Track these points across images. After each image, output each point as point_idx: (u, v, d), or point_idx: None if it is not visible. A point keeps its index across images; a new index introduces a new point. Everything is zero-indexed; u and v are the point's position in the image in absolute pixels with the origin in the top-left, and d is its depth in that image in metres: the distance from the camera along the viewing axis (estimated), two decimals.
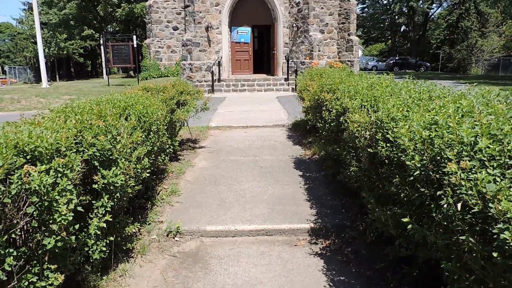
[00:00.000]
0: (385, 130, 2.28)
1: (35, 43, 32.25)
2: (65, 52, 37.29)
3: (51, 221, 1.93)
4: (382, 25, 47.48)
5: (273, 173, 5.08)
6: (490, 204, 1.30)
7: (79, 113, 2.78)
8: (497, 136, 1.55)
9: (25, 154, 1.93)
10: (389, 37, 51.07)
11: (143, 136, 3.27)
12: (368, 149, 2.52)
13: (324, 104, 4.17)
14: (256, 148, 6.45)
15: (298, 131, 7.64)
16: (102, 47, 32.62)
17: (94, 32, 31.23)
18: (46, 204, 1.89)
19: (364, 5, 48.53)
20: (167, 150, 4.67)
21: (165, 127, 4.27)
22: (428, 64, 38.52)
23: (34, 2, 18.32)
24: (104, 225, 2.40)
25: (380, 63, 41.87)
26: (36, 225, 1.92)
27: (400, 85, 3.14)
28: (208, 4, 16.66)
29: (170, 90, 5.12)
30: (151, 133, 3.60)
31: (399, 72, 34.08)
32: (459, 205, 1.47)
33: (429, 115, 2.02)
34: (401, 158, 2.03)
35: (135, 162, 2.90)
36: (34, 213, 1.88)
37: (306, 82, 6.39)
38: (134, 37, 16.49)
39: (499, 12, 38.22)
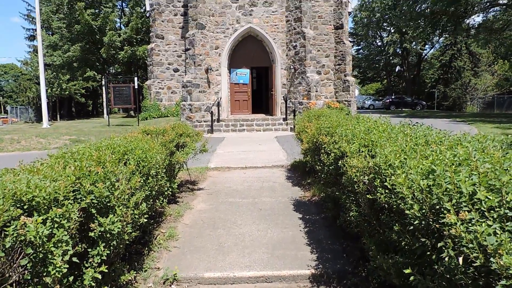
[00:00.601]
0: (383, 177, 2.28)
1: (38, 83, 32.91)
2: (67, 92, 37.96)
3: (44, 274, 1.88)
4: (377, 65, 48.77)
5: (272, 215, 5.02)
6: (492, 259, 1.28)
7: (78, 159, 2.79)
8: (495, 186, 1.55)
9: (22, 204, 1.92)
10: (385, 77, 52.31)
11: (142, 181, 3.26)
12: (367, 195, 2.51)
13: (323, 146, 4.20)
14: (255, 189, 6.42)
15: (297, 172, 7.63)
16: (103, 88, 33.28)
17: (96, 73, 31.97)
18: (41, 256, 1.85)
19: (359, 47, 50.12)
20: (166, 193, 4.64)
21: (164, 170, 4.27)
22: (424, 102, 39.21)
23: (39, 45, 18.89)
24: (99, 276, 2.34)
25: (377, 102, 42.56)
26: (29, 277, 1.87)
27: (397, 129, 3.18)
28: (208, 47, 17.18)
29: (170, 133, 5.17)
30: (149, 177, 3.60)
31: (396, 110, 34.62)
32: (460, 259, 1.44)
33: (426, 162, 2.03)
34: (400, 206, 2.02)
35: (132, 208, 2.88)
36: (28, 265, 1.84)
37: (304, 124, 6.47)
38: (136, 78, 16.85)
39: (490, 52, 39.43)
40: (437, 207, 1.76)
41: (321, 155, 4.20)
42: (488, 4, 26.36)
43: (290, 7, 17.30)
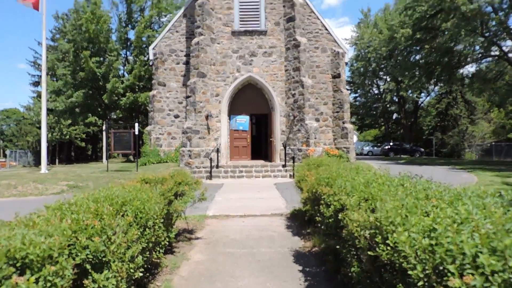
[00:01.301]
0: (385, 233, 2.25)
1: (39, 128, 33.33)
2: (67, 137, 38.31)
3: None
4: (374, 112, 49.63)
5: (271, 267, 4.88)
6: None
7: (75, 212, 2.76)
8: (498, 248, 1.53)
9: (15, 262, 1.87)
10: (383, 124, 53.06)
11: (139, 233, 3.20)
12: (369, 252, 2.46)
13: (322, 197, 4.17)
14: (253, 239, 6.29)
15: (297, 221, 7.52)
16: (104, 133, 33.61)
17: (97, 118, 32.46)
18: None
19: (357, 94, 51.27)
20: (162, 243, 4.53)
21: (162, 220, 4.21)
22: (422, 149, 39.48)
23: (43, 91, 19.28)
24: None
25: (375, 148, 42.88)
26: None
27: (396, 182, 3.18)
28: (208, 95, 17.58)
29: (169, 182, 5.15)
30: (147, 228, 3.54)
31: (395, 157, 34.77)
32: None
33: (428, 220, 2.01)
34: (403, 264, 1.97)
35: (128, 262, 2.80)
36: None
37: (304, 172, 6.47)
38: (136, 125, 17.05)
39: (485, 101, 40.31)
40: (441, 267, 1.72)
41: (321, 206, 4.16)
42: (480, 55, 27.34)
43: (289, 57, 17.92)
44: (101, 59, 30.61)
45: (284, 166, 16.49)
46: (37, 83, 43.79)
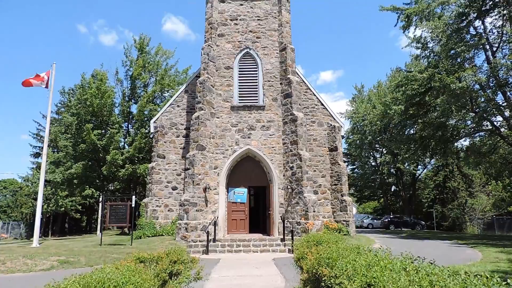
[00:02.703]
0: None
1: (35, 199, 32.92)
2: (62, 209, 37.68)
3: None
4: (373, 184, 49.60)
5: None
6: None
7: None
8: None
9: None
10: (381, 195, 52.74)
11: None
12: None
13: (323, 279, 4.01)
14: None
15: None
16: (100, 204, 33.14)
17: (94, 190, 32.23)
18: None
19: (354, 166, 51.68)
20: None
21: None
22: (423, 222, 38.82)
23: (43, 162, 19.38)
24: None
25: (375, 221, 42.17)
26: None
27: (399, 266, 3.09)
28: (207, 167, 17.70)
29: (164, 261, 4.98)
30: None
31: (396, 230, 34.03)
32: None
33: None
34: None
35: None
36: None
37: (303, 250, 6.29)
38: (133, 197, 16.92)
39: (482, 173, 40.49)
40: None
41: None
42: (472, 130, 28.08)
43: (287, 131, 18.38)
44: (103, 131, 31.29)
45: (282, 240, 16.06)
46: (37, 155, 44.13)
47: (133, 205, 16.82)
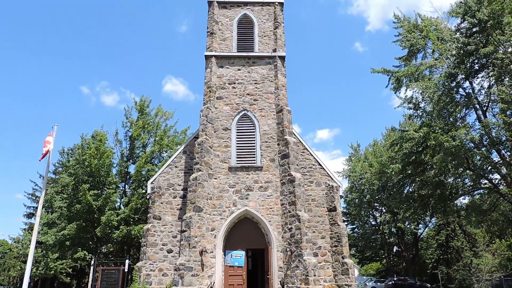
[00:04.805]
0: None
1: (25, 262, 31.66)
2: (52, 272, 36.12)
3: None
4: (374, 244, 48.33)
5: None
6: None
7: None
8: None
9: None
10: (384, 256, 51.14)
11: None
12: None
13: None
14: None
15: None
16: (92, 267, 31.85)
17: (87, 253, 31.13)
18: None
19: (354, 226, 50.67)
20: None
21: None
22: (429, 285, 37.33)
23: (36, 224, 18.84)
24: None
25: (379, 283, 40.59)
26: None
27: None
28: (204, 229, 17.30)
29: None
30: None
31: None
32: None
33: None
34: None
35: None
36: None
37: None
38: (127, 261, 16.34)
39: (485, 232, 39.67)
40: None
41: None
42: (471, 188, 27.99)
43: (284, 191, 18.25)
44: (99, 191, 30.96)
45: None
46: (31, 215, 43.25)
47: (126, 270, 16.17)
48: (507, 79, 22.92)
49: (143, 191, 29.10)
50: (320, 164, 20.90)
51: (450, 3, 52.17)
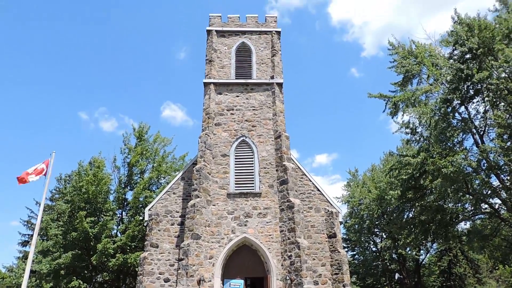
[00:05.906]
0: None
1: None
2: None
3: None
4: (375, 271, 47.34)
5: None
6: None
7: None
8: None
9: None
10: (385, 284, 50.01)
11: None
12: None
13: None
14: None
15: None
16: None
17: (82, 282, 30.32)
18: None
19: (354, 252, 49.79)
20: None
21: None
22: None
23: (31, 253, 18.48)
24: None
25: None
26: None
27: None
28: (202, 257, 17.00)
29: None
30: None
31: None
32: None
33: None
34: None
35: None
36: None
37: None
38: None
39: (488, 258, 39.02)
40: None
41: None
42: (471, 212, 27.75)
43: (284, 218, 18.07)
44: (96, 218, 30.52)
45: None
46: (26, 243, 42.41)
47: None
48: (502, 104, 23.15)
49: (141, 218, 28.73)
50: (319, 190, 20.78)
51: (441, 33, 53.14)
